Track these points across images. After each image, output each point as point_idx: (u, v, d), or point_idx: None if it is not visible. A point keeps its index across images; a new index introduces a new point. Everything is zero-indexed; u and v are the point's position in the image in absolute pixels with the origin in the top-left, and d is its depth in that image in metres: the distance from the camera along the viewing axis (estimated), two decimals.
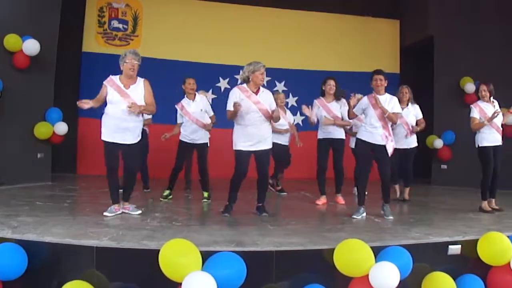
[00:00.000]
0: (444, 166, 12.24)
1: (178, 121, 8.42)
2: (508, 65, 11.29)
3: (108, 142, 6.48)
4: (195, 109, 8.29)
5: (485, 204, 7.86)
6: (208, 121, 8.50)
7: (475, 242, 5.55)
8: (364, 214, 7.12)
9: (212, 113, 8.53)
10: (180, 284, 4.05)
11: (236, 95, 6.86)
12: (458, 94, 11.85)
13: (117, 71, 6.63)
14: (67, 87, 11.68)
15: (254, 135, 6.80)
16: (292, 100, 13.39)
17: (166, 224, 6.05)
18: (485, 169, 7.87)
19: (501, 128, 7.93)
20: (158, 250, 4.23)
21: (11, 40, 9.19)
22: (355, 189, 9.56)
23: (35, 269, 4.67)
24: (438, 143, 12.07)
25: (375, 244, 5.06)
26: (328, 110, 8.36)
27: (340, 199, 8.53)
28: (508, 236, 5.53)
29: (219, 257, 4.33)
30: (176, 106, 8.40)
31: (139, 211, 6.79)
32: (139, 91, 6.58)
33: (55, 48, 10.23)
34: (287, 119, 9.54)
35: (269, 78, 13.18)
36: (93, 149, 11.34)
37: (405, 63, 14.26)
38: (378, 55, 13.89)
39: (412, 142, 8.92)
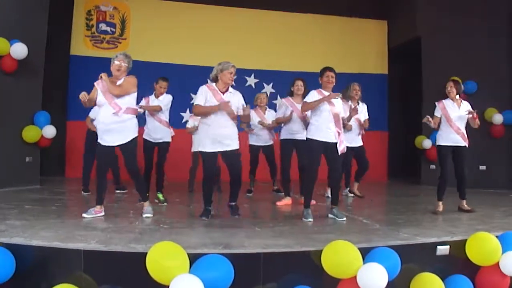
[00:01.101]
0: (433, 166, 12.28)
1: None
2: (495, 65, 11.38)
3: (100, 143, 6.57)
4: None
5: (437, 204, 7.73)
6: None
7: (463, 242, 5.56)
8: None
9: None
10: (168, 287, 4.05)
11: (204, 92, 6.82)
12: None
13: None
14: (55, 90, 11.66)
15: (218, 135, 6.69)
16: (280, 102, 13.39)
17: (154, 227, 6.04)
18: (440, 169, 7.77)
19: (463, 131, 7.69)
20: (146, 253, 4.22)
21: None
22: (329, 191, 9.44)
23: (23, 272, 4.65)
24: (427, 143, 12.11)
25: (363, 245, 5.06)
26: (297, 110, 8.29)
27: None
28: (496, 236, 5.56)
29: (206, 259, 4.33)
30: (143, 98, 8.33)
31: (149, 215, 6.78)
32: None
33: (43, 51, 10.20)
34: (265, 120, 9.52)
35: (257, 80, 13.23)
36: (82, 152, 11.32)
37: (393, 64, 14.33)
38: (366, 56, 13.97)
39: (360, 140, 8.88)
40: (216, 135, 6.69)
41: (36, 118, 10.05)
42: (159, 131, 8.26)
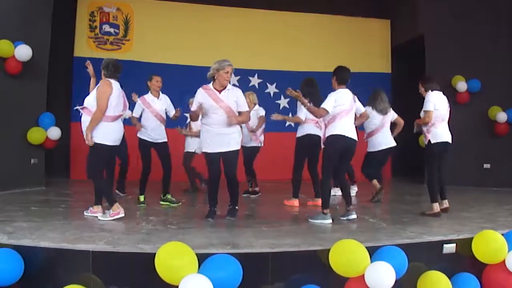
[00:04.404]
0: None
1: (135, 115, 8.23)
2: (499, 63, 11.36)
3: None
4: (160, 107, 8.21)
5: (435, 206, 7.27)
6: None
7: (469, 240, 5.58)
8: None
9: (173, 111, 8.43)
10: (177, 287, 4.06)
11: (199, 96, 6.73)
12: (450, 93, 11.81)
13: None
14: (59, 92, 11.69)
15: (218, 135, 6.61)
16: (284, 102, 13.42)
17: (161, 227, 6.06)
18: (430, 170, 7.48)
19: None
20: (154, 254, 4.24)
21: (3, 46, 9.14)
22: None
23: (31, 274, 4.68)
24: None
25: (370, 244, 5.08)
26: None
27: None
28: (502, 234, 5.57)
29: (215, 259, 4.35)
30: (138, 99, 8.27)
31: (104, 219, 6.60)
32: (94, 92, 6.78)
33: (47, 53, 10.22)
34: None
35: (260, 80, 13.23)
36: (86, 153, 11.34)
37: (396, 62, 14.30)
38: (369, 55, 13.94)
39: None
40: (216, 135, 6.63)
41: (40, 119, 10.04)
42: (157, 130, 8.13)
